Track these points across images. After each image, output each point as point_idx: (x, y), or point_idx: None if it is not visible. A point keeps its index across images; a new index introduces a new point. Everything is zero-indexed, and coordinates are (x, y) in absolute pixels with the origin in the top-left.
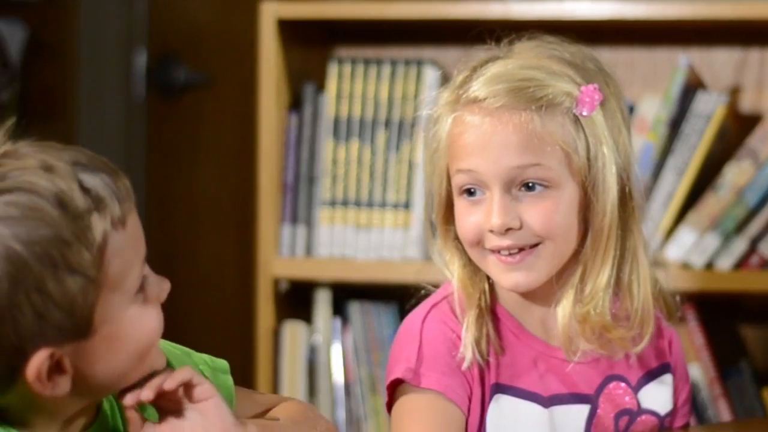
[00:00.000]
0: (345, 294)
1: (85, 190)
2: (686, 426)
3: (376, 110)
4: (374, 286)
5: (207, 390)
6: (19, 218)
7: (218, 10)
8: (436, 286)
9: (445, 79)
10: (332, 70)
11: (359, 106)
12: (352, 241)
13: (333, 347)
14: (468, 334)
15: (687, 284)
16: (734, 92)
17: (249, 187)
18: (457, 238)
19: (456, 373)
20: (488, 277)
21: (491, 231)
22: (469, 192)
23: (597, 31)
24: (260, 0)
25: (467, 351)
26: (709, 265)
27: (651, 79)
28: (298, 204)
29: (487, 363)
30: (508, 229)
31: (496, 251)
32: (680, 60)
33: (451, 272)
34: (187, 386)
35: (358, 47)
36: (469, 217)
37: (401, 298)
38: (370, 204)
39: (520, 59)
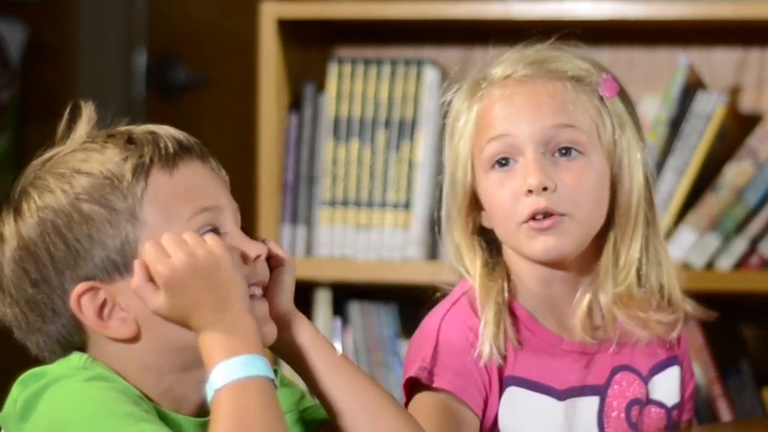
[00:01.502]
0: (345, 294)
1: (130, 141)
2: (690, 421)
3: (376, 110)
4: (374, 286)
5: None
6: (67, 170)
7: (218, 10)
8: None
9: (445, 79)
10: (332, 70)
11: (359, 106)
12: (352, 241)
13: None
14: (486, 330)
15: (687, 284)
16: (734, 92)
17: (249, 187)
18: (477, 231)
19: (471, 375)
20: (508, 274)
21: (528, 192)
22: (500, 163)
23: (597, 31)
24: (260, 0)
25: (485, 347)
26: (709, 265)
27: (651, 79)
28: (298, 204)
29: (505, 358)
30: (544, 189)
31: (530, 218)
32: (680, 60)
33: (470, 269)
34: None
35: (358, 47)
36: (503, 189)
37: (401, 298)
38: (370, 204)
39: (534, 49)
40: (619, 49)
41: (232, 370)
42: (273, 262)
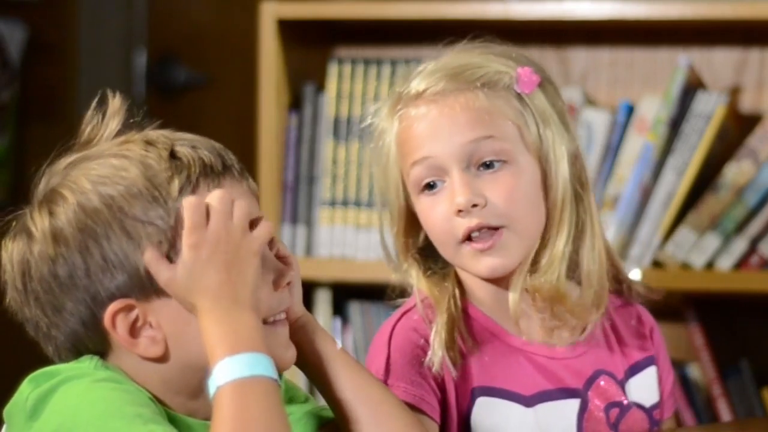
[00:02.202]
0: (345, 294)
1: (173, 157)
2: (676, 416)
3: None
4: (374, 286)
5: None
6: (105, 176)
7: (218, 10)
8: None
9: None
10: (332, 70)
11: (359, 106)
12: (352, 241)
13: None
14: (437, 338)
15: (687, 284)
16: (734, 92)
17: None
18: (416, 249)
19: (425, 380)
20: (458, 281)
21: (458, 212)
22: (429, 186)
23: (597, 31)
24: (260, 0)
25: (436, 356)
26: (709, 265)
27: (651, 79)
28: (298, 204)
29: (467, 367)
30: (474, 206)
31: (467, 238)
32: (680, 60)
33: (416, 283)
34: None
35: (358, 47)
36: (435, 210)
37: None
38: (370, 204)
39: (449, 57)
40: (619, 49)
41: (235, 367)
42: (282, 263)
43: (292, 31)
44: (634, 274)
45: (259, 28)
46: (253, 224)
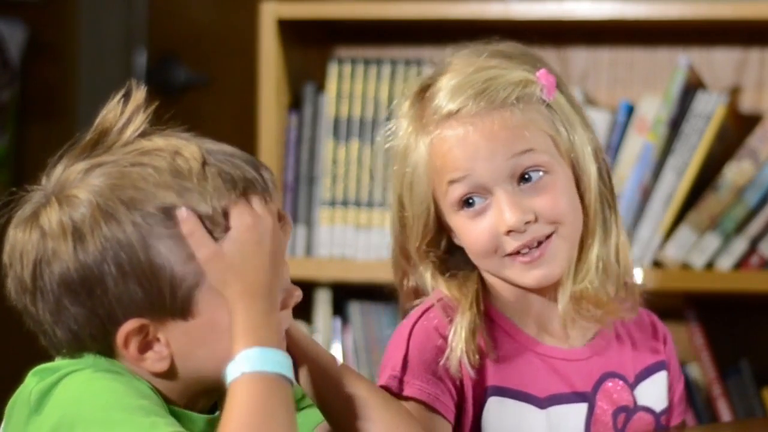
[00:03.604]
0: (345, 294)
1: (204, 176)
2: (683, 424)
3: (376, 110)
4: (374, 286)
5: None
6: (129, 185)
7: (218, 10)
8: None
9: None
10: (332, 70)
11: (359, 106)
12: (352, 241)
13: (333, 347)
14: (456, 339)
15: (687, 284)
16: (734, 92)
17: None
18: (435, 257)
19: (443, 381)
20: (481, 281)
21: (509, 232)
22: (468, 203)
23: (597, 31)
24: (260, 0)
25: (454, 356)
26: (709, 265)
27: (651, 79)
28: (298, 204)
29: (482, 366)
30: (526, 223)
31: (515, 253)
32: (680, 60)
33: (434, 284)
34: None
35: (358, 47)
36: (476, 227)
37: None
38: (370, 204)
39: (466, 66)
40: (619, 49)
41: (264, 360)
42: None
43: (292, 31)
44: (635, 274)
45: (259, 28)
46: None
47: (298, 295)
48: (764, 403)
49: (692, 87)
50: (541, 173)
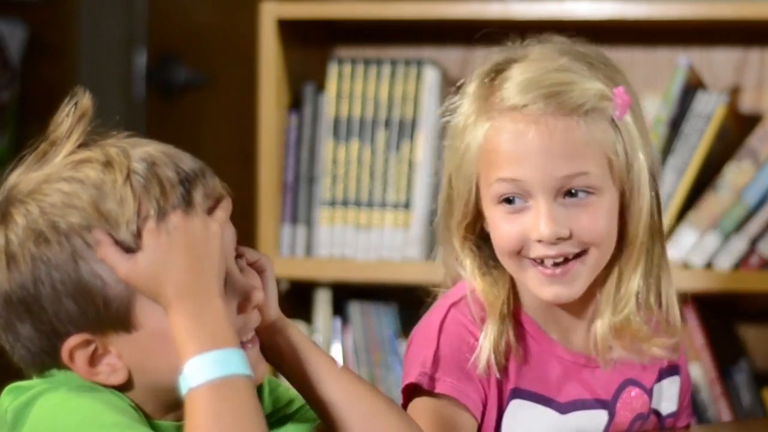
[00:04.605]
0: (345, 294)
1: (131, 183)
2: (688, 426)
3: (376, 110)
4: (374, 286)
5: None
6: (57, 205)
7: (218, 10)
8: (436, 287)
9: (445, 79)
10: (332, 70)
11: (359, 106)
12: (352, 241)
13: (333, 347)
14: (486, 341)
15: (687, 284)
16: (734, 92)
17: (249, 187)
18: (474, 245)
19: (471, 378)
20: (512, 283)
21: (539, 240)
22: (508, 200)
23: (597, 31)
24: (260, 0)
25: (483, 357)
26: (709, 265)
27: (651, 79)
28: (298, 204)
29: (506, 368)
30: (558, 238)
31: (539, 262)
32: (680, 60)
33: (469, 277)
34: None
35: (358, 47)
36: (509, 226)
37: (401, 298)
38: (370, 204)
39: (544, 61)
40: (619, 49)
41: (206, 367)
42: (254, 268)
43: (292, 31)
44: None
45: (259, 28)
46: (211, 209)
47: (258, 296)
48: (764, 403)
49: (692, 87)
50: (587, 193)
